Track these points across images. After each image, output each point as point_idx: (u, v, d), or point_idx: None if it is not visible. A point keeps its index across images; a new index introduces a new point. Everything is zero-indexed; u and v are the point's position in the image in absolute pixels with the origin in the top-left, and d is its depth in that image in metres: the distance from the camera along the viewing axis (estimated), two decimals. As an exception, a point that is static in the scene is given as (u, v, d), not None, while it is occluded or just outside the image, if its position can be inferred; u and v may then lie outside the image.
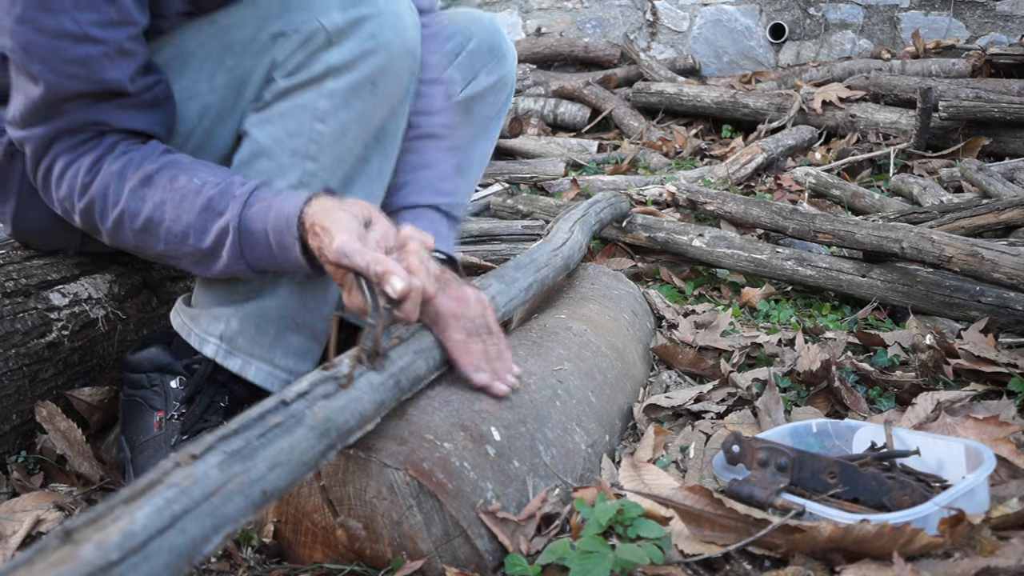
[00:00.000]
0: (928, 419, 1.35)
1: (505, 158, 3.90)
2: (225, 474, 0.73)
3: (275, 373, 1.26)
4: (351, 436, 0.94)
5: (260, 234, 1.10)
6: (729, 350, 1.73)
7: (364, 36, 1.16)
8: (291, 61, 1.18)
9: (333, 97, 1.17)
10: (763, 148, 3.65)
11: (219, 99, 1.22)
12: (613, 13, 5.95)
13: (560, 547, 0.99)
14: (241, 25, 1.20)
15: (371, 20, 1.16)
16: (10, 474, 1.31)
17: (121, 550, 0.61)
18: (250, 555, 1.11)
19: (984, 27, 5.12)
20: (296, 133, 1.18)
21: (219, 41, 1.21)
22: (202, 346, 1.26)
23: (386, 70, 1.19)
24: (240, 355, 1.26)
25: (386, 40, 1.17)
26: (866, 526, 0.96)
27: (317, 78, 1.17)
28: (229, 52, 1.21)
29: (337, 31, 1.16)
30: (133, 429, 1.30)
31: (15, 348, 1.29)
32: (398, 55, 1.19)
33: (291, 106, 1.18)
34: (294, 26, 1.17)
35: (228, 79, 1.21)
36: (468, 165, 1.56)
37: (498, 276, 1.42)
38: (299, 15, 1.17)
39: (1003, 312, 1.82)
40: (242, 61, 1.20)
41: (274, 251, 1.10)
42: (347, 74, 1.17)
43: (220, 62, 1.21)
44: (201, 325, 1.27)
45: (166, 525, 0.65)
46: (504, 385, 1.17)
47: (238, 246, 1.12)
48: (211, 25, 1.22)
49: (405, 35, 1.19)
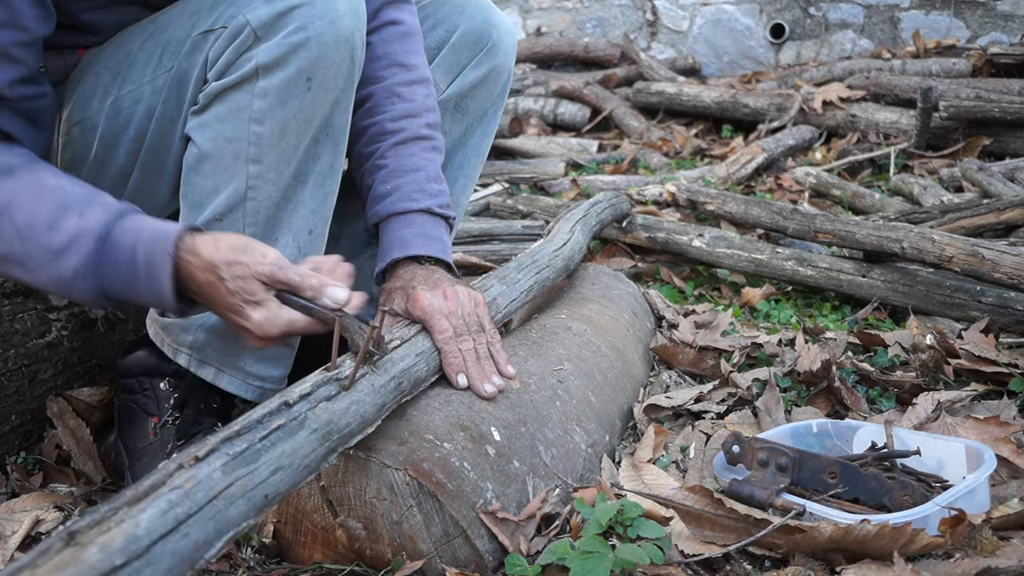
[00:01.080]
0: (928, 419, 1.35)
1: (505, 158, 3.89)
2: (228, 477, 0.73)
3: (248, 381, 1.25)
4: (352, 439, 0.94)
5: (126, 250, 1.02)
6: (729, 350, 1.73)
7: (292, 29, 1.11)
8: (220, 60, 1.14)
9: (267, 96, 1.13)
10: (763, 148, 3.64)
11: (162, 100, 1.19)
12: (613, 13, 5.95)
13: (560, 547, 0.99)
14: (176, 23, 1.17)
15: (298, 11, 1.12)
16: (10, 474, 1.31)
17: (125, 554, 0.61)
18: (250, 555, 1.10)
19: (984, 27, 5.11)
20: (235, 137, 1.15)
21: (157, 40, 1.18)
22: (176, 356, 1.25)
23: (320, 63, 1.14)
24: (212, 365, 1.24)
25: (316, 31, 1.12)
26: (866, 526, 0.95)
27: (248, 78, 1.13)
28: (166, 52, 1.18)
29: (263, 26, 1.11)
30: (129, 435, 1.30)
31: (14, 348, 1.28)
32: (331, 45, 1.14)
33: (226, 109, 1.15)
34: (223, 22, 1.14)
35: (168, 80, 1.18)
36: (464, 162, 1.51)
37: (499, 277, 1.42)
38: (227, 10, 1.13)
39: (1003, 312, 1.82)
40: (178, 61, 1.17)
41: (138, 270, 1.02)
42: (278, 71, 1.12)
43: (159, 63, 1.18)
44: (172, 335, 1.24)
45: (169, 529, 0.65)
46: (490, 386, 1.16)
47: (93, 257, 1.02)
48: (151, 24, 1.20)
49: (338, 23, 1.14)
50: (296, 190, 1.21)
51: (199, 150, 1.16)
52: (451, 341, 1.15)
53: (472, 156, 1.52)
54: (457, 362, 1.16)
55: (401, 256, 1.25)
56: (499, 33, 1.47)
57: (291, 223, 1.21)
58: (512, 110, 4.63)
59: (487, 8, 1.47)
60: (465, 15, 1.45)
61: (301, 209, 1.21)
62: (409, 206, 1.29)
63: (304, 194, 1.21)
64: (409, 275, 1.23)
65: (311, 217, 1.22)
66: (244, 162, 1.15)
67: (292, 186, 1.20)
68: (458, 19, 1.45)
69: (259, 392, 1.24)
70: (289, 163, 1.18)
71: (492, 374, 1.17)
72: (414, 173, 1.30)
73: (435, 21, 1.45)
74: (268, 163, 1.16)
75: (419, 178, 1.30)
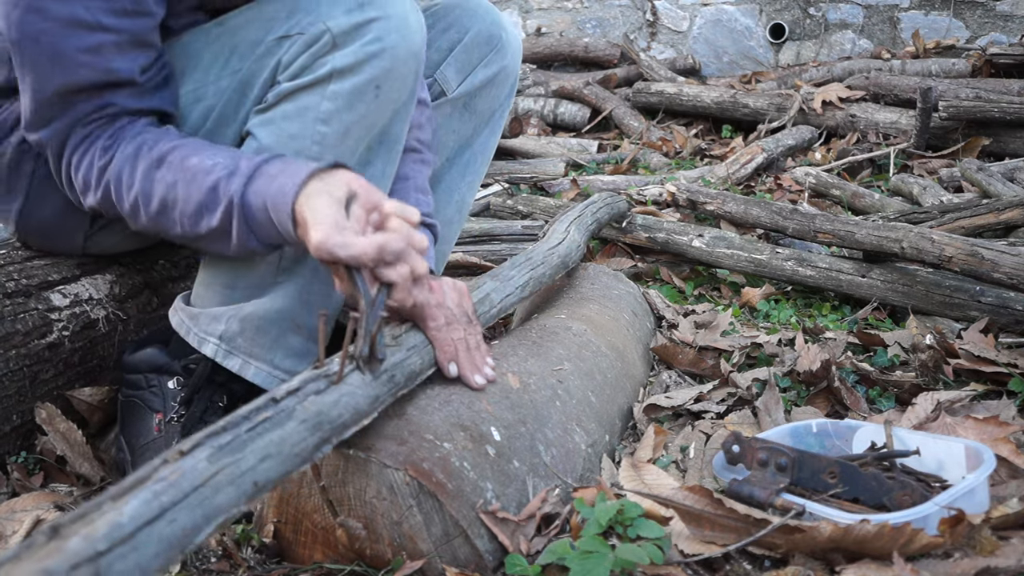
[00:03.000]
0: (928, 419, 1.35)
1: (505, 158, 3.89)
2: (214, 466, 0.74)
3: (275, 374, 1.26)
4: (347, 430, 0.94)
5: (261, 210, 1.08)
6: (729, 350, 1.73)
7: (369, 39, 1.16)
8: (296, 63, 1.18)
9: (336, 99, 1.17)
10: (763, 148, 3.65)
11: (224, 101, 1.22)
12: (613, 13, 5.95)
13: (560, 547, 0.99)
14: (248, 27, 1.21)
15: (376, 23, 1.16)
16: (10, 474, 1.31)
17: (109, 540, 0.61)
18: (250, 555, 1.11)
19: (984, 27, 5.11)
20: (299, 135, 1.18)
21: (225, 43, 1.21)
22: (201, 345, 1.26)
23: (390, 73, 1.19)
24: (239, 355, 1.26)
25: (391, 43, 1.17)
26: (866, 526, 0.96)
27: (321, 80, 1.17)
28: (235, 54, 1.21)
29: (342, 34, 1.16)
30: (132, 431, 1.30)
31: (16, 349, 1.29)
32: (402, 58, 1.19)
33: (294, 108, 1.18)
34: (300, 29, 1.17)
35: (233, 81, 1.21)
36: (471, 160, 1.56)
37: (492, 275, 1.43)
38: (305, 18, 1.17)
39: (1003, 312, 1.82)
40: (247, 63, 1.20)
41: (277, 228, 1.08)
42: (351, 77, 1.17)
43: (226, 64, 1.21)
44: (200, 324, 1.26)
45: (155, 516, 0.66)
46: (480, 377, 1.17)
47: (244, 223, 1.09)
48: (218, 27, 1.22)
49: (410, 38, 1.19)
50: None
51: (260, 145, 1.19)
52: (443, 330, 1.16)
53: (478, 155, 1.57)
54: (450, 351, 1.16)
55: None
56: (507, 36, 1.54)
57: None
58: (512, 110, 4.63)
59: (495, 12, 1.54)
60: (476, 17, 1.51)
61: None
62: None
63: None
64: None
65: None
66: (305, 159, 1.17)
67: None
68: (469, 21, 1.51)
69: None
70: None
71: (483, 365, 1.18)
72: (403, 181, 1.34)
73: (447, 24, 1.50)
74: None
75: (407, 186, 1.34)
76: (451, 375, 1.16)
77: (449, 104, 1.50)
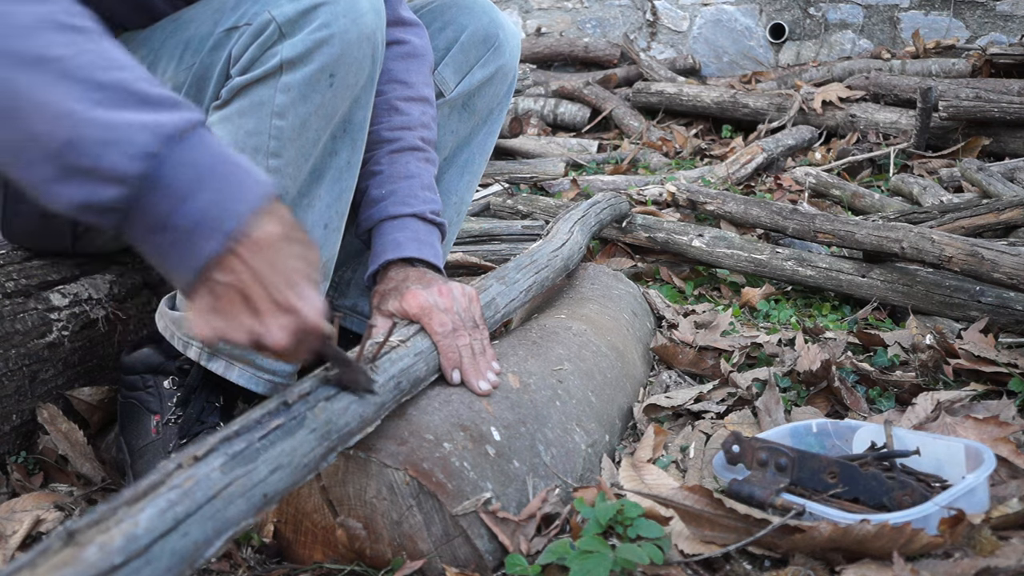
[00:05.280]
0: (928, 419, 1.35)
1: (505, 158, 3.89)
2: (227, 476, 0.73)
3: (258, 375, 1.25)
4: (352, 438, 0.94)
5: (183, 183, 0.79)
6: (729, 350, 1.73)
7: (316, 26, 1.13)
8: (245, 56, 1.15)
9: (289, 91, 1.15)
10: (763, 148, 3.65)
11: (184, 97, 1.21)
12: (613, 13, 5.95)
13: (560, 547, 0.99)
14: (199, 20, 1.19)
15: (323, 8, 1.13)
16: (10, 474, 1.31)
17: (124, 553, 0.61)
18: (250, 555, 1.11)
19: (984, 27, 5.11)
20: (255, 131, 1.16)
21: (179, 38, 1.20)
22: (186, 349, 1.25)
23: (343, 59, 1.15)
24: (223, 358, 1.24)
25: (340, 28, 1.14)
26: (866, 526, 0.96)
27: (272, 72, 1.14)
28: (188, 49, 1.19)
29: (288, 22, 1.13)
30: (131, 433, 1.30)
31: (15, 348, 1.28)
32: (354, 43, 1.16)
33: (248, 103, 1.16)
34: (247, 19, 1.15)
35: (189, 77, 1.20)
36: (470, 159, 1.54)
37: (498, 277, 1.42)
38: (252, 7, 1.15)
39: (1003, 312, 1.82)
40: (199, 58, 1.18)
41: (189, 213, 0.78)
42: (302, 67, 1.14)
43: (180, 60, 1.19)
44: (184, 328, 1.25)
45: (169, 528, 0.65)
46: (485, 383, 1.17)
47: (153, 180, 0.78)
48: (173, 22, 1.21)
49: (361, 21, 1.16)
50: (313, 185, 1.22)
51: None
52: (449, 336, 1.16)
53: (477, 154, 1.55)
54: (454, 357, 1.16)
55: (394, 258, 1.26)
56: (505, 34, 1.51)
57: (307, 217, 1.23)
58: (512, 110, 4.63)
59: (492, 9, 1.51)
60: (472, 15, 1.49)
61: (317, 204, 1.23)
62: (403, 210, 1.31)
63: (321, 189, 1.23)
64: (402, 276, 1.24)
65: (327, 212, 1.24)
66: (264, 156, 1.16)
67: (309, 181, 1.22)
68: (466, 20, 1.49)
69: (269, 386, 1.25)
70: (308, 158, 1.20)
71: (487, 371, 1.18)
72: (408, 180, 1.33)
73: (444, 22, 1.49)
74: (287, 158, 1.18)
75: (413, 185, 1.33)
76: (454, 382, 1.16)
77: (447, 105, 1.48)
